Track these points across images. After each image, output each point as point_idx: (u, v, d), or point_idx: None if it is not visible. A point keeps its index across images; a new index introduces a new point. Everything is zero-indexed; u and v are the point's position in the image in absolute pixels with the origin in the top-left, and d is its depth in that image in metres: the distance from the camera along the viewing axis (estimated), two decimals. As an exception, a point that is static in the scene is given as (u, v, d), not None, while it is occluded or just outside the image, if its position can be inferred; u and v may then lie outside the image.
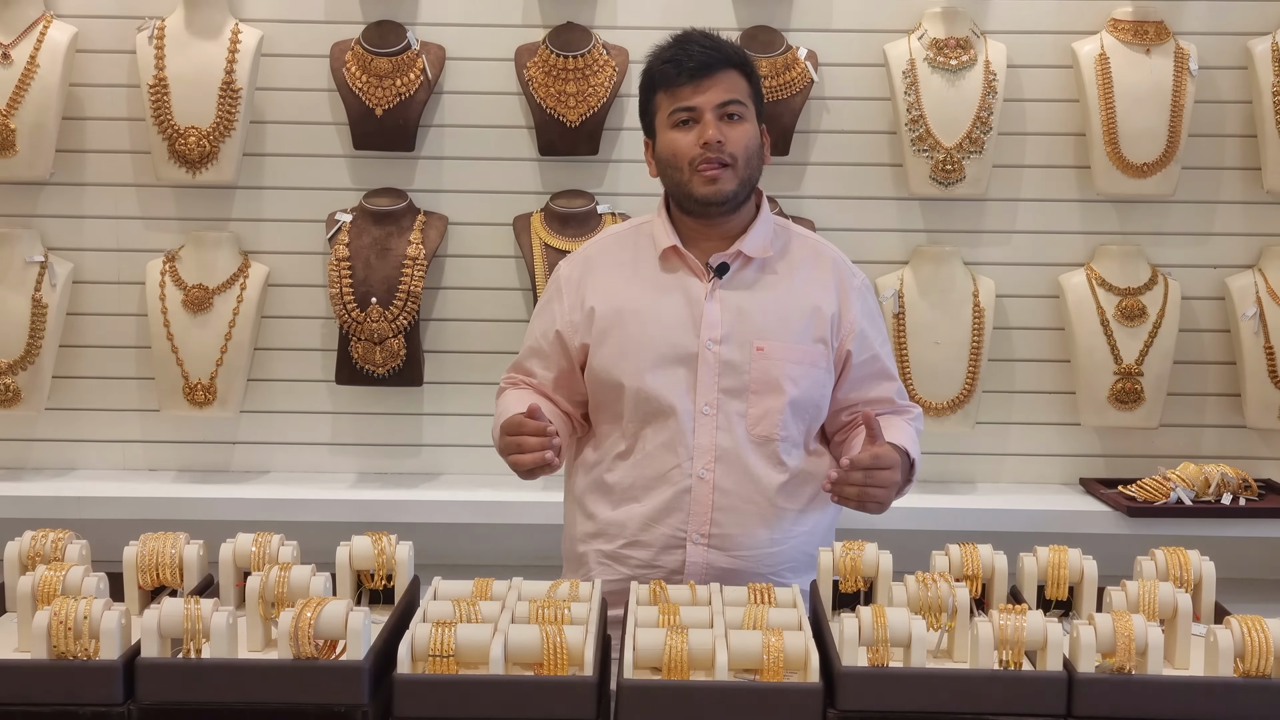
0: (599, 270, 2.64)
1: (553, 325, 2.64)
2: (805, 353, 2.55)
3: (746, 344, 2.53)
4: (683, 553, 2.53)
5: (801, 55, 3.94)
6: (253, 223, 4.07)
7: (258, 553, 2.28)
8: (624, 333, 2.56)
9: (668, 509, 2.53)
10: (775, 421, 2.53)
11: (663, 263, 2.60)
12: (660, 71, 2.55)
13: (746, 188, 2.55)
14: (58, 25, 3.91)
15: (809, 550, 2.56)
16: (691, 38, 2.56)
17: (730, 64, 2.54)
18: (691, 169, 2.51)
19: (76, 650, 1.90)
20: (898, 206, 4.09)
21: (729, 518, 2.52)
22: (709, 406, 2.52)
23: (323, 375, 4.08)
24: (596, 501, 2.62)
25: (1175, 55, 3.94)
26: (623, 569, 2.56)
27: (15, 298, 3.90)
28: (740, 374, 2.53)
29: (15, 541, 2.31)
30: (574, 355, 2.62)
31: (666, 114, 2.54)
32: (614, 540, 2.58)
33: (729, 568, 2.51)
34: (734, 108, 2.52)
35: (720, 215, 2.55)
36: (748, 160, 2.53)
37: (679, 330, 2.54)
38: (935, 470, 4.14)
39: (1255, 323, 3.96)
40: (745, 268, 2.58)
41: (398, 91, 3.90)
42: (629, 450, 2.57)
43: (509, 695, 1.86)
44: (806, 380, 2.55)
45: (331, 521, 3.73)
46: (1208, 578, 2.29)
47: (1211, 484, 3.81)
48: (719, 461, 2.52)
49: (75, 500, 3.84)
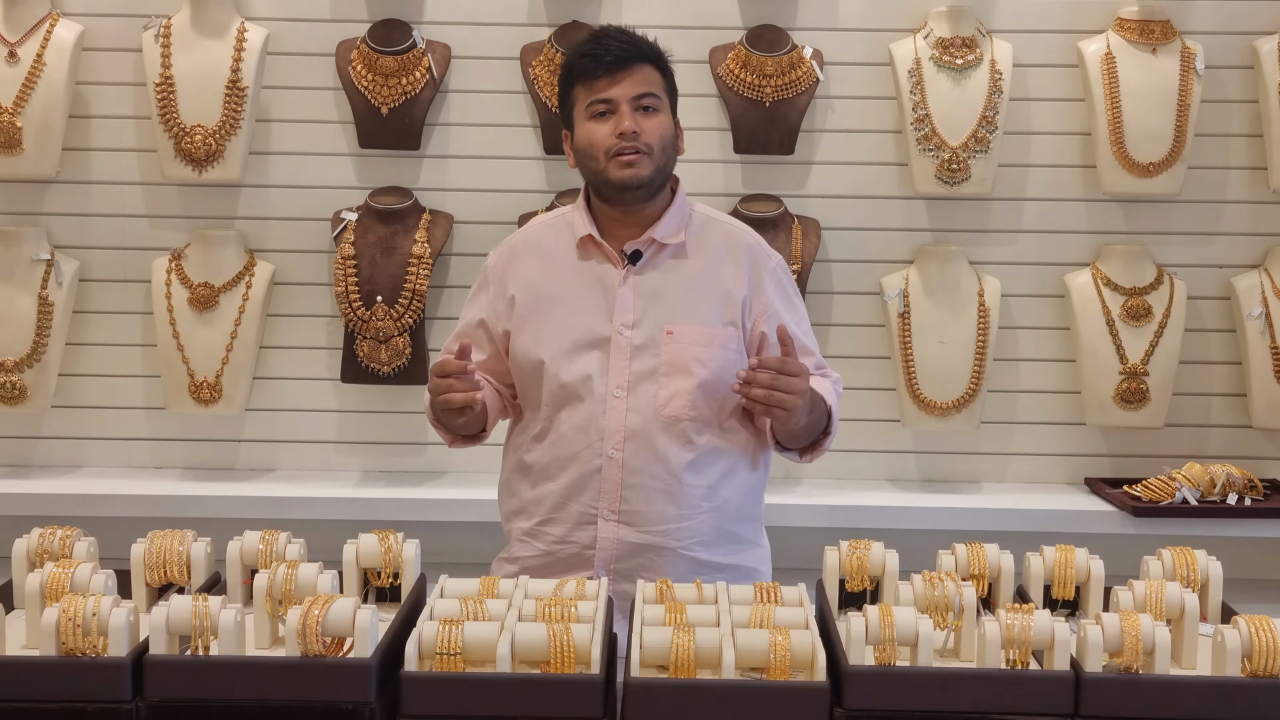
0: (521, 258, 2.74)
1: (478, 314, 2.76)
2: (715, 335, 2.64)
3: (657, 328, 2.62)
4: (594, 529, 2.62)
5: (807, 54, 3.94)
6: (258, 221, 4.08)
7: (265, 550, 2.29)
8: (541, 319, 2.66)
9: (579, 487, 2.63)
10: (684, 402, 2.61)
11: (580, 251, 2.69)
12: (578, 65, 2.64)
13: (662, 175, 2.64)
14: (64, 24, 3.92)
15: (723, 526, 2.66)
16: (609, 33, 2.67)
17: (645, 58, 2.64)
18: (608, 157, 2.60)
19: (85, 647, 1.91)
20: (903, 206, 4.09)
21: (637, 495, 2.61)
22: (620, 389, 2.61)
23: (328, 373, 4.08)
24: (519, 481, 2.72)
25: (1181, 55, 3.94)
26: (539, 544, 2.66)
27: (21, 296, 3.91)
28: (651, 357, 2.62)
29: (23, 539, 2.32)
30: (498, 342, 2.73)
31: (584, 105, 2.63)
32: (532, 517, 2.68)
33: (639, 542, 2.61)
34: (649, 100, 2.61)
35: (636, 202, 2.64)
36: (663, 149, 2.62)
37: (593, 316, 2.64)
38: (941, 469, 4.14)
39: (1261, 322, 3.96)
40: (659, 254, 2.67)
41: (403, 90, 3.90)
42: (544, 431, 2.67)
43: (515, 693, 1.86)
44: (715, 362, 2.62)
45: (336, 520, 3.74)
46: (1215, 577, 2.29)
47: (1217, 484, 3.81)
48: (628, 441, 2.60)
49: (81, 498, 3.84)
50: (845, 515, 3.81)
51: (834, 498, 3.88)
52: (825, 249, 4.04)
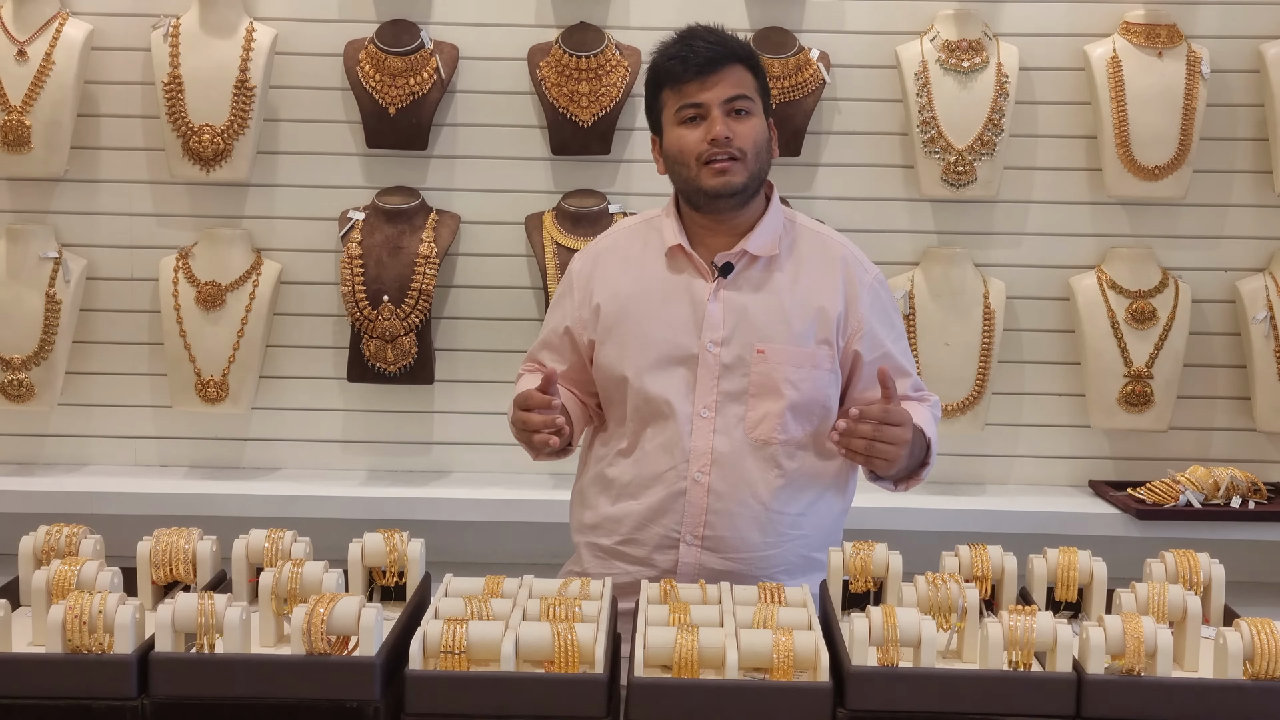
0: (607, 265, 2.64)
1: (563, 321, 2.66)
2: (807, 355, 2.52)
3: (748, 346, 2.52)
4: (676, 553, 2.54)
5: (814, 56, 3.94)
6: (266, 220, 4.08)
7: (270, 549, 2.29)
8: (627, 331, 2.56)
9: (662, 509, 2.54)
10: (774, 425, 2.51)
11: (669, 261, 2.59)
12: (666, 68, 2.53)
13: (756, 181, 2.53)
14: (73, 23, 3.93)
15: (807, 554, 2.57)
16: (697, 33, 2.54)
17: (736, 59, 2.52)
18: (699, 164, 2.49)
19: (91, 644, 1.91)
20: (909, 208, 4.09)
21: (722, 520, 2.51)
22: (707, 409, 2.51)
23: (334, 373, 4.09)
24: (597, 495, 2.63)
25: (1187, 58, 3.94)
26: (620, 564, 2.57)
27: (29, 294, 3.92)
28: (740, 377, 2.52)
29: (30, 536, 2.32)
30: (583, 350, 2.64)
31: (673, 111, 2.52)
32: (610, 535, 2.59)
33: (721, 569, 2.51)
34: (741, 103, 2.50)
35: (729, 209, 2.53)
36: (757, 155, 2.51)
37: (681, 331, 2.53)
38: (945, 471, 4.13)
39: (1266, 326, 3.96)
40: (751, 267, 2.56)
41: (411, 90, 3.91)
42: (630, 448, 2.58)
43: (520, 692, 1.87)
44: (808, 383, 2.52)
45: (342, 518, 3.74)
46: (1217, 580, 2.29)
47: (1221, 487, 3.81)
48: (714, 465, 2.51)
49: (88, 496, 3.85)
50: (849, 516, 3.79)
51: (838, 499, 3.88)
52: (831, 251, 4.03)
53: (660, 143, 2.58)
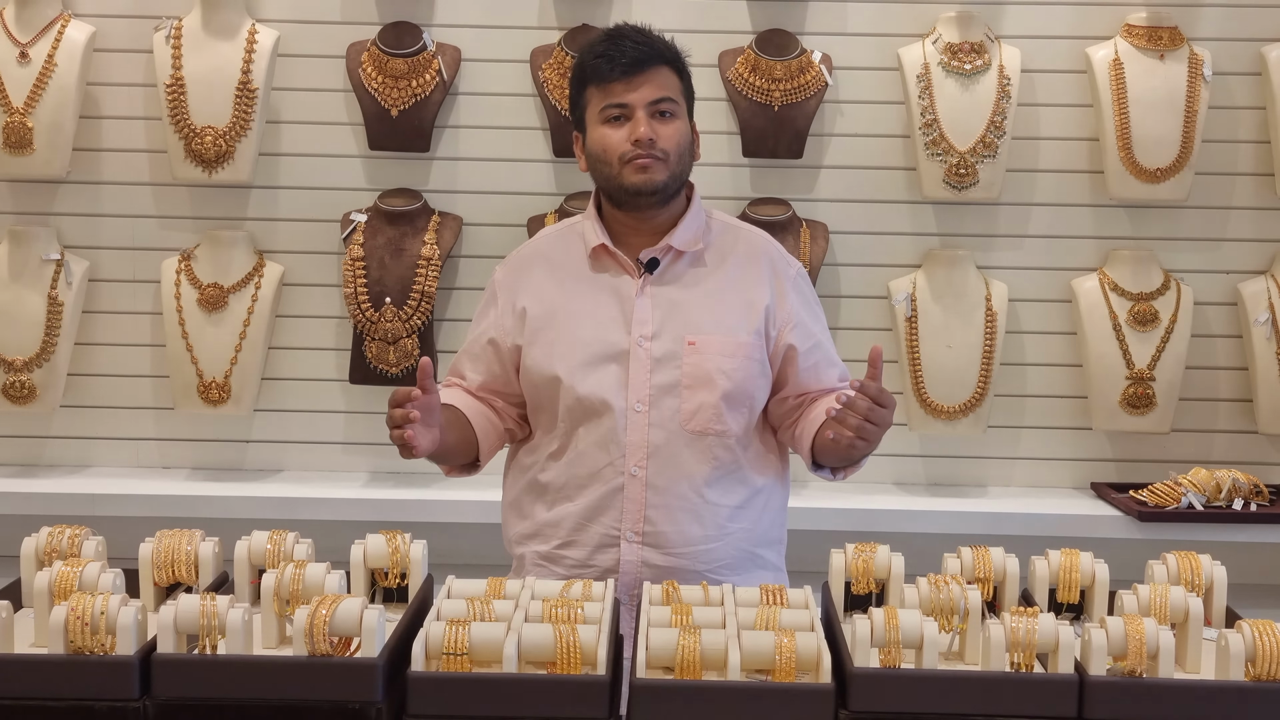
0: (531, 271, 2.65)
1: (487, 331, 2.66)
2: (739, 345, 2.54)
3: (678, 339, 2.53)
4: (617, 551, 2.54)
5: (816, 59, 3.94)
6: (268, 222, 4.09)
7: (273, 550, 2.29)
8: (556, 332, 2.57)
9: (601, 507, 2.54)
10: (710, 415, 2.53)
11: (593, 261, 2.60)
12: (593, 66, 2.53)
13: (677, 181, 2.55)
14: (75, 24, 3.93)
15: (750, 549, 2.58)
16: (625, 33, 2.55)
17: (663, 60, 2.54)
18: (622, 163, 2.50)
19: (93, 645, 1.91)
20: (911, 210, 4.09)
21: (661, 515, 2.52)
22: (641, 404, 2.52)
23: (336, 375, 4.09)
24: (533, 503, 2.62)
25: (1189, 61, 3.94)
26: (558, 569, 2.57)
27: (31, 295, 3.92)
28: (673, 369, 2.53)
29: (32, 538, 2.32)
30: (507, 358, 2.63)
31: (598, 109, 2.53)
32: (549, 540, 2.58)
33: (664, 566, 2.51)
34: (666, 105, 2.52)
35: (650, 207, 2.55)
36: (680, 156, 2.53)
37: (610, 328, 2.55)
38: (947, 473, 4.15)
39: (1267, 328, 3.96)
40: (676, 262, 2.59)
41: (413, 92, 3.91)
42: (561, 449, 2.58)
43: (522, 694, 1.87)
44: (740, 373, 2.54)
45: (344, 520, 3.74)
46: (1219, 582, 2.29)
47: (1223, 489, 3.81)
48: (650, 458, 2.52)
49: (90, 497, 3.85)
50: (851, 518, 3.82)
51: (840, 501, 3.88)
52: (833, 253, 4.04)
53: (583, 139, 2.59)
